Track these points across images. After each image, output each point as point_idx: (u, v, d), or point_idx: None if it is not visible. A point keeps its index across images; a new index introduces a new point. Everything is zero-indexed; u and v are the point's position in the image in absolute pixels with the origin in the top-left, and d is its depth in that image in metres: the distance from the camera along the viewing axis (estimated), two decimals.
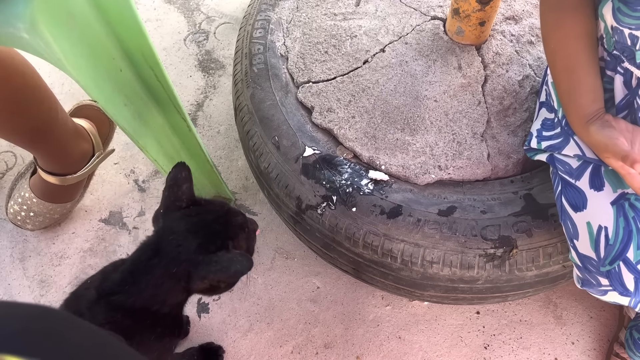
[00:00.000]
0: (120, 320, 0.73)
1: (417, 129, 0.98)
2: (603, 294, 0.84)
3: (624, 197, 0.78)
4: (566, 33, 0.81)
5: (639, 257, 0.76)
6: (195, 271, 0.73)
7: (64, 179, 1.27)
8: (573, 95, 0.81)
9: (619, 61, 0.79)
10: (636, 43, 0.73)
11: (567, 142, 0.85)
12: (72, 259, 1.32)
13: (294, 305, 1.23)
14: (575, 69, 0.81)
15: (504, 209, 0.90)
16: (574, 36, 0.80)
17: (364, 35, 1.11)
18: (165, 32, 1.75)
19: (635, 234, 0.76)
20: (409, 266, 0.91)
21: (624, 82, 0.80)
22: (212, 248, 0.75)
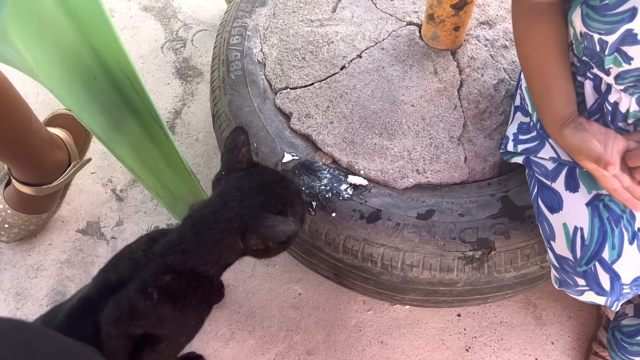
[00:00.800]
0: (167, 284, 0.74)
1: (395, 134, 0.99)
2: (580, 294, 0.85)
3: (598, 198, 0.79)
4: (538, 39, 0.82)
5: (614, 257, 0.77)
6: (253, 226, 0.75)
7: (39, 189, 1.25)
8: (547, 99, 0.83)
9: (588, 67, 0.81)
10: (605, 48, 0.75)
11: (542, 145, 0.86)
12: (49, 271, 1.30)
13: (275, 312, 1.22)
14: (547, 73, 0.82)
15: (481, 211, 0.91)
16: (545, 42, 0.82)
17: (341, 41, 1.11)
18: (142, 40, 1.74)
19: (610, 234, 0.77)
20: (389, 270, 0.91)
21: (594, 87, 0.82)
22: (274, 209, 0.78)
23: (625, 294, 0.81)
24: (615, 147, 0.75)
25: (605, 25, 0.72)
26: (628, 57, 0.73)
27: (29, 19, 0.68)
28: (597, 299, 0.83)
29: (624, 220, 0.78)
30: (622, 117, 0.80)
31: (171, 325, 0.77)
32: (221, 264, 0.79)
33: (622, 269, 0.78)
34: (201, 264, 0.77)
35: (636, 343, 1.05)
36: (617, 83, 0.77)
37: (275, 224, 0.75)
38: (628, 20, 0.68)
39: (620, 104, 0.79)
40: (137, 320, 0.73)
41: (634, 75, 0.74)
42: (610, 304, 0.82)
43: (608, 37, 0.73)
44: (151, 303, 0.73)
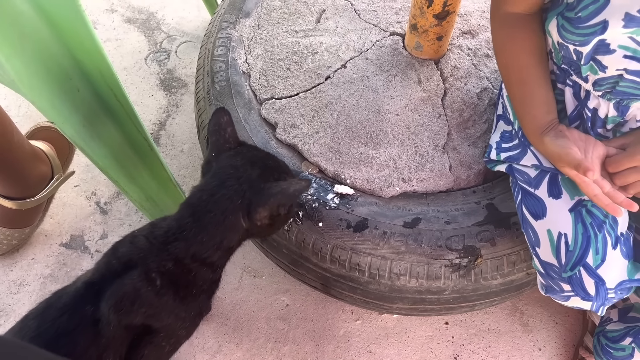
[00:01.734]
0: (169, 270, 0.74)
1: (380, 143, 0.99)
2: (566, 299, 0.86)
3: (581, 203, 0.80)
4: (517, 48, 0.84)
5: (598, 262, 0.78)
6: (258, 197, 0.74)
7: (21, 203, 1.23)
8: (527, 107, 0.84)
9: (567, 74, 0.82)
10: (581, 58, 0.76)
11: (524, 153, 0.87)
12: (32, 286, 1.28)
13: (263, 324, 1.21)
14: (527, 82, 0.83)
15: (467, 219, 0.92)
16: (524, 51, 0.83)
17: (325, 52, 1.12)
18: (126, 52, 1.73)
19: (594, 239, 0.78)
20: (377, 279, 0.91)
21: (574, 94, 0.83)
22: (272, 179, 0.77)
23: (611, 299, 0.82)
24: (595, 153, 0.76)
25: (579, 37, 0.73)
26: (602, 65, 0.74)
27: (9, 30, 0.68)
28: (583, 304, 0.84)
29: (606, 225, 0.79)
30: (602, 123, 0.81)
31: (171, 314, 0.76)
32: (224, 247, 0.76)
33: (607, 274, 0.79)
34: (204, 249, 0.75)
35: (621, 348, 1.06)
36: (595, 89, 0.78)
37: (286, 187, 0.74)
38: (600, 33, 0.70)
39: (599, 109, 0.80)
40: (139, 306, 0.72)
41: (610, 82, 0.75)
42: (596, 308, 0.82)
43: (582, 48, 0.75)
44: (154, 289, 0.73)
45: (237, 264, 1.30)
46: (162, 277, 0.73)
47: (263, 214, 0.75)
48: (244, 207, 0.74)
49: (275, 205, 0.75)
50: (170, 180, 1.13)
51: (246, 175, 0.76)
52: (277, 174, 0.79)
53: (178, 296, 0.75)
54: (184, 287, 0.76)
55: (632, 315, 1.05)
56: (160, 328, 0.76)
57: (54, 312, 0.72)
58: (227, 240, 0.76)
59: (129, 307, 0.71)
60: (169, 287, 0.74)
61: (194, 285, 0.77)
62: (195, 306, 0.80)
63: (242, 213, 0.75)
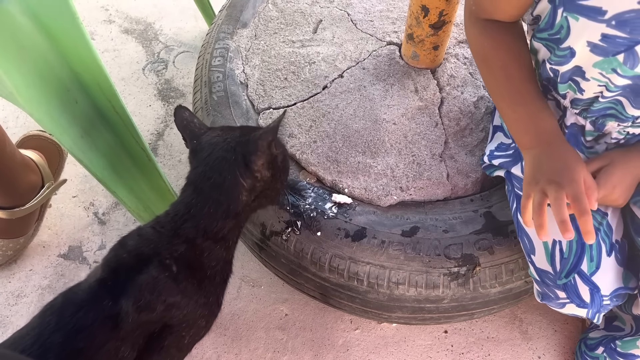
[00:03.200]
0: (182, 254, 0.75)
1: (378, 152, 1.00)
2: (562, 306, 0.86)
3: None
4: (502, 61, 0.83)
5: (592, 269, 0.78)
6: (247, 149, 0.76)
7: (12, 212, 1.23)
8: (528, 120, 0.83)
9: (547, 90, 0.84)
10: (557, 76, 0.77)
11: (515, 163, 0.88)
12: (30, 297, 1.27)
13: (261, 334, 1.21)
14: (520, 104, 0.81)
15: (465, 227, 0.92)
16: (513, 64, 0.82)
17: (322, 62, 1.12)
18: (123, 62, 1.73)
19: (588, 246, 0.78)
20: (376, 288, 0.91)
21: (556, 106, 0.85)
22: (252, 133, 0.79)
23: (606, 306, 0.82)
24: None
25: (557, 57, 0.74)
26: (580, 88, 0.75)
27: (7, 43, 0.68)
28: (578, 311, 0.84)
29: (601, 233, 0.79)
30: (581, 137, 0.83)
31: (190, 301, 0.76)
32: (232, 213, 0.77)
33: (601, 281, 0.79)
34: (213, 222, 0.76)
35: (595, 357, 1.06)
36: (572, 107, 0.79)
37: (268, 127, 0.75)
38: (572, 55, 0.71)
39: (577, 124, 0.82)
40: (158, 295, 0.72)
41: (586, 102, 0.77)
42: (591, 316, 0.82)
43: (559, 68, 0.76)
44: (171, 275, 0.73)
45: (235, 273, 1.28)
46: (177, 263, 0.74)
47: (259, 162, 0.76)
48: (239, 161, 0.76)
49: (265, 147, 0.76)
50: (168, 190, 1.13)
51: (231, 136, 0.78)
52: (254, 131, 0.80)
53: (195, 279, 0.76)
54: (199, 270, 0.77)
55: (616, 325, 1.05)
56: (182, 317, 0.77)
57: (72, 307, 0.72)
58: (233, 205, 0.77)
59: (149, 297, 0.71)
60: (185, 272, 0.75)
61: (209, 267, 0.78)
62: (213, 291, 0.81)
63: (240, 169, 0.76)
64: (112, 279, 0.73)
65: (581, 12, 0.65)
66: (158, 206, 1.13)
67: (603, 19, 0.63)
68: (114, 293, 0.72)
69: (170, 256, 0.74)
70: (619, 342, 1.01)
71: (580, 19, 0.66)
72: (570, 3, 0.66)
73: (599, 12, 0.63)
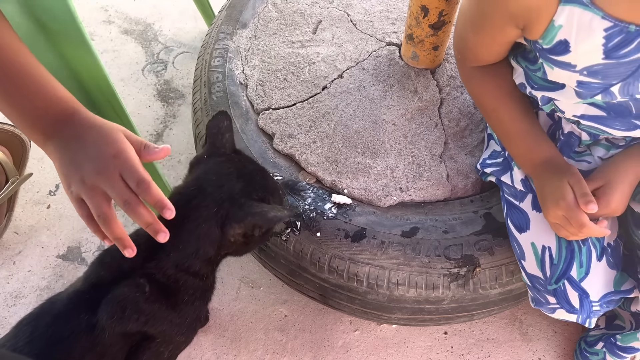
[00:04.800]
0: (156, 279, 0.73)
1: (378, 152, 1.00)
2: (552, 311, 0.86)
3: None
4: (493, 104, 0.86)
5: (582, 275, 0.78)
6: (235, 212, 0.71)
7: None
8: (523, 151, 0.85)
9: (536, 104, 0.84)
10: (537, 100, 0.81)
11: (505, 172, 0.89)
12: (28, 298, 1.27)
13: (261, 335, 1.21)
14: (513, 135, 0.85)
15: (465, 228, 0.92)
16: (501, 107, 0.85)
17: (322, 62, 1.12)
18: (123, 63, 1.73)
19: (577, 252, 0.78)
20: (375, 289, 0.91)
21: (548, 114, 0.86)
22: (254, 196, 0.75)
23: (596, 311, 0.82)
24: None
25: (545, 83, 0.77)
26: (560, 109, 0.78)
27: None
28: (568, 317, 0.84)
29: (591, 238, 0.79)
30: (576, 145, 0.84)
31: (164, 321, 0.75)
32: (201, 258, 0.73)
33: (591, 287, 0.79)
34: (183, 258, 0.73)
35: (595, 352, 1.07)
36: (565, 119, 0.80)
37: (266, 211, 0.71)
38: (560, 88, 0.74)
39: (574, 132, 0.83)
40: (130, 313, 0.71)
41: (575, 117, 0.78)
42: (582, 321, 0.82)
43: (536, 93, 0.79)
44: (143, 296, 0.72)
45: (234, 274, 1.29)
46: (150, 284, 0.72)
47: (237, 231, 0.73)
48: (218, 218, 0.71)
49: (250, 225, 0.73)
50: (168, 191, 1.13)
51: (228, 186, 0.73)
52: (261, 193, 0.76)
53: (169, 303, 0.74)
54: (173, 295, 0.75)
55: (617, 324, 1.06)
56: (157, 334, 0.76)
57: (48, 318, 0.71)
58: (202, 250, 0.73)
59: (121, 314, 0.70)
60: (158, 294, 0.73)
61: (184, 293, 0.76)
62: (190, 312, 0.78)
63: (217, 224, 0.72)
64: (89, 292, 0.73)
65: (555, 64, 0.69)
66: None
67: (575, 70, 0.67)
68: (91, 306, 0.71)
69: (145, 276, 0.72)
70: (619, 336, 1.02)
71: (555, 68, 0.70)
72: (543, 54, 0.70)
73: (570, 66, 0.67)
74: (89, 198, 0.62)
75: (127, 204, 0.62)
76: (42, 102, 0.65)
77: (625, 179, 0.76)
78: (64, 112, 0.65)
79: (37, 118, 0.65)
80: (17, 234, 1.36)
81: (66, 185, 0.64)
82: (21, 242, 1.35)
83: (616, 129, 0.74)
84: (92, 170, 0.62)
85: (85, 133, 0.64)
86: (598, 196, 0.75)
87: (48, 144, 0.65)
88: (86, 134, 0.64)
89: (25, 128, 0.66)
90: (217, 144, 0.79)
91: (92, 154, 0.62)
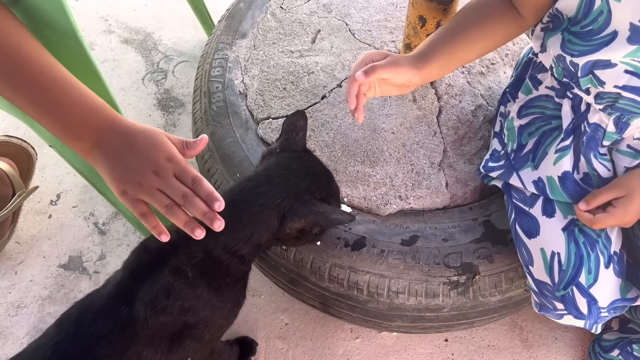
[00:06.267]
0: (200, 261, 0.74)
1: (377, 161, 1.00)
2: (560, 317, 0.86)
3: (574, 223, 0.80)
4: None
5: (590, 282, 0.78)
6: (298, 206, 0.75)
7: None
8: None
9: (568, 87, 0.82)
10: (577, 70, 0.77)
11: (509, 175, 0.88)
12: (30, 308, 1.27)
13: (262, 343, 1.21)
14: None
15: (464, 236, 0.92)
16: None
17: (321, 72, 1.13)
18: (123, 72, 1.74)
19: (586, 258, 0.78)
20: (376, 297, 0.91)
21: (572, 107, 0.83)
22: (318, 195, 0.79)
23: (604, 317, 0.82)
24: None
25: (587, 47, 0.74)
26: (600, 80, 0.75)
27: None
28: (576, 323, 0.84)
29: (599, 245, 0.79)
30: (599, 141, 0.81)
31: (207, 306, 0.76)
32: (253, 241, 0.76)
33: (599, 293, 0.79)
34: (234, 240, 0.75)
35: (609, 359, 1.06)
36: (597, 102, 0.78)
37: (329, 211, 0.75)
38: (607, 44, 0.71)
39: (601, 124, 0.80)
40: (174, 300, 0.72)
41: (611, 96, 0.76)
42: (589, 327, 0.83)
43: (578, 60, 0.75)
44: (186, 281, 0.73)
45: None
46: (193, 269, 0.74)
47: (296, 225, 0.77)
48: (281, 209, 0.75)
49: (311, 222, 0.77)
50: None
51: (295, 182, 0.78)
52: (323, 193, 0.80)
53: (212, 286, 0.76)
54: (217, 277, 0.77)
55: (631, 327, 1.06)
56: (199, 320, 0.77)
57: (90, 315, 0.72)
58: (257, 235, 0.76)
59: (165, 302, 0.72)
60: (201, 278, 0.74)
61: (227, 275, 0.78)
62: (231, 296, 0.80)
63: (277, 214, 0.76)
64: (130, 283, 0.74)
65: None
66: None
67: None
68: (131, 298, 0.72)
69: (188, 262, 0.74)
70: (635, 346, 1.02)
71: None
72: None
73: None
74: (150, 196, 0.67)
75: (185, 198, 0.67)
76: (83, 110, 0.68)
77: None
78: (106, 119, 0.69)
79: (80, 126, 0.67)
80: (18, 244, 1.37)
81: (120, 190, 0.68)
82: (23, 251, 1.36)
83: None
84: (150, 173, 0.67)
85: (133, 138, 0.68)
86: (616, 206, 0.75)
87: (94, 152, 0.68)
88: (135, 139, 0.68)
89: (68, 138, 0.68)
90: (290, 140, 0.83)
91: (145, 158, 0.67)
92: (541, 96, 0.89)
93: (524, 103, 0.91)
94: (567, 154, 0.82)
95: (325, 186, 0.82)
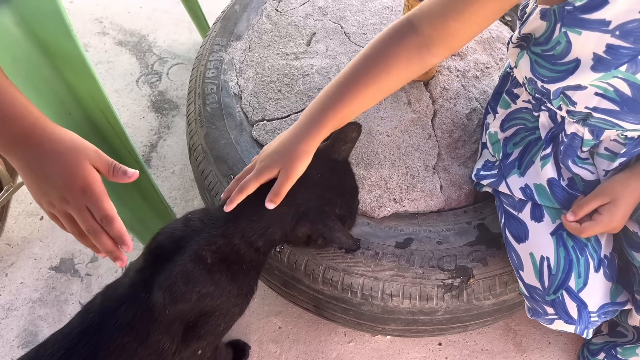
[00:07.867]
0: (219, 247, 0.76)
1: (371, 164, 1.00)
2: (550, 322, 0.86)
3: (562, 227, 0.81)
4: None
5: (580, 286, 0.79)
6: (314, 215, 0.78)
7: None
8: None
9: (542, 102, 0.83)
10: (549, 93, 0.78)
11: (500, 182, 0.89)
12: (20, 311, 1.26)
13: (255, 347, 1.20)
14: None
15: (458, 239, 0.92)
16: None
17: (316, 74, 1.13)
18: (117, 74, 1.74)
19: (576, 262, 0.79)
20: (370, 300, 0.91)
21: (550, 117, 0.85)
22: (338, 210, 0.81)
23: (594, 322, 0.82)
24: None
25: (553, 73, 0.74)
26: (572, 101, 0.76)
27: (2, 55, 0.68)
28: (566, 328, 0.84)
29: (589, 249, 0.79)
30: (578, 148, 0.82)
31: (224, 292, 0.77)
32: (268, 235, 0.78)
33: (589, 297, 0.79)
34: (251, 230, 0.77)
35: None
36: (570, 117, 0.80)
37: (336, 230, 0.77)
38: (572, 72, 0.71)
39: (577, 133, 0.81)
40: (192, 286, 0.73)
41: (583, 113, 0.77)
42: (580, 332, 0.83)
43: (549, 86, 0.76)
44: (205, 267, 0.74)
45: None
46: (212, 255, 0.75)
47: (305, 231, 0.79)
48: (299, 212, 0.78)
49: (317, 233, 0.78)
50: (161, 202, 1.13)
51: (321, 190, 0.80)
52: (343, 209, 0.82)
53: (230, 272, 0.77)
54: (234, 263, 0.78)
55: (619, 330, 1.06)
56: (215, 307, 0.77)
57: (114, 303, 0.73)
58: (271, 230, 0.78)
59: (183, 288, 0.72)
60: (220, 264, 0.76)
61: (244, 261, 0.79)
62: (246, 283, 0.81)
63: (294, 217, 0.78)
64: (150, 269, 0.74)
65: (584, 26, 0.67)
66: (151, 218, 1.12)
67: (607, 29, 0.65)
68: (151, 284, 0.73)
69: (208, 248, 0.75)
70: (619, 348, 1.02)
71: (583, 32, 0.67)
72: (570, 18, 0.67)
73: (603, 24, 0.65)
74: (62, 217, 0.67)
75: (91, 232, 0.66)
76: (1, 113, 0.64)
77: (631, 198, 0.76)
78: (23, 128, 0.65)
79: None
80: (9, 246, 1.35)
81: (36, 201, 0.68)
82: (14, 253, 1.34)
83: (629, 122, 0.73)
84: (60, 198, 0.65)
85: (48, 159, 0.65)
86: (602, 213, 0.76)
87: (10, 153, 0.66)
88: (50, 160, 0.65)
89: None
90: (335, 147, 0.84)
91: (58, 183, 0.64)
92: (521, 109, 0.91)
93: (504, 117, 0.93)
94: (549, 162, 0.84)
95: (348, 204, 0.84)
